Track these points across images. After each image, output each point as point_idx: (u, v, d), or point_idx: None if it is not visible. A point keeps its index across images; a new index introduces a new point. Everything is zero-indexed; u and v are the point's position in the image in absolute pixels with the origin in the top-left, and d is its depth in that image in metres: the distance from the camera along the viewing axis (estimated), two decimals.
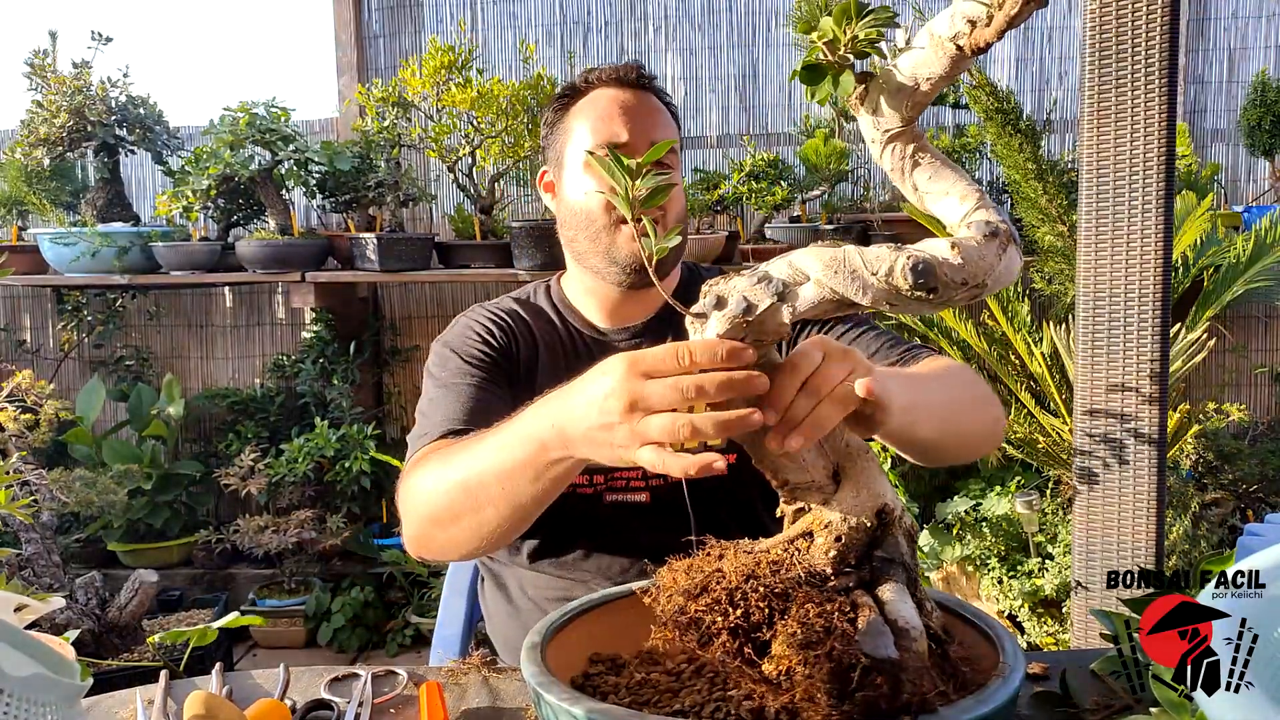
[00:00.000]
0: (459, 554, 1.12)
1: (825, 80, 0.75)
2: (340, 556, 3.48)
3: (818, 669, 0.60)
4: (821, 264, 0.72)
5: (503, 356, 1.32)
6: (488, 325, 1.35)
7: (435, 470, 1.06)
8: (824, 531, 0.71)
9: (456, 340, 1.33)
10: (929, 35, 0.71)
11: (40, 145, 3.23)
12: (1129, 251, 1.68)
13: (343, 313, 3.59)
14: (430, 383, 1.30)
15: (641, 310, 1.38)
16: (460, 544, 1.07)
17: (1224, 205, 3.36)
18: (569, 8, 3.65)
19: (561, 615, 0.87)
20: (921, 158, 0.76)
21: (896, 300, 0.70)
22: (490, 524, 1.01)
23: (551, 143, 1.37)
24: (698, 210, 3.17)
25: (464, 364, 1.29)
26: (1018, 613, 2.45)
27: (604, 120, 1.29)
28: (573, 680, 0.84)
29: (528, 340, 1.36)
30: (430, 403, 1.26)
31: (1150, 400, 1.70)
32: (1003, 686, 0.69)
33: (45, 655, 0.70)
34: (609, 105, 1.30)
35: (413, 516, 1.10)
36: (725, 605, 0.66)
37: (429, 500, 1.05)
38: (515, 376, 1.32)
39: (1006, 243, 0.70)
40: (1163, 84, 1.63)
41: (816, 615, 0.63)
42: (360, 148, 3.22)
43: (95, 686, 0.84)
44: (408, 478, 1.13)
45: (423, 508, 1.07)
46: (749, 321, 0.73)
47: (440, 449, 1.12)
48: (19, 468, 2.37)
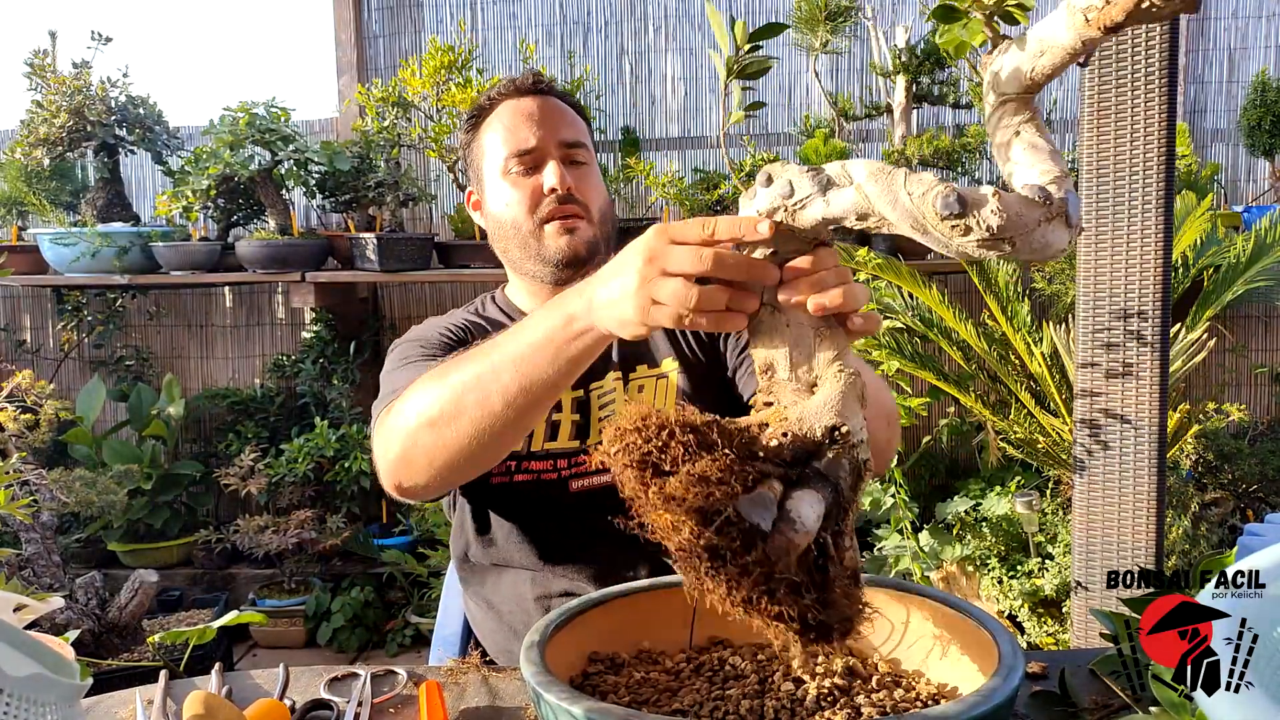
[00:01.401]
0: (446, 464, 1.02)
1: (957, 24, 0.75)
2: (340, 556, 3.48)
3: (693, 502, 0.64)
4: (868, 172, 0.73)
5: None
6: (444, 332, 1.35)
7: (431, 380, 1.02)
8: (777, 424, 0.73)
9: (414, 338, 1.34)
10: (1066, 3, 0.70)
11: (40, 145, 3.23)
12: (1129, 251, 1.68)
13: (343, 313, 3.59)
14: (389, 368, 1.28)
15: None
16: (452, 448, 0.99)
17: (1224, 205, 3.36)
18: (569, 8, 3.65)
19: (561, 615, 0.87)
20: (1026, 130, 0.75)
21: (922, 226, 0.71)
22: (495, 418, 0.96)
23: (470, 163, 1.42)
24: (698, 210, 3.17)
25: (425, 351, 1.29)
26: (1018, 613, 2.45)
27: (510, 130, 1.33)
28: (572, 679, 0.85)
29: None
30: (393, 374, 1.24)
31: (1150, 400, 1.70)
32: (1002, 685, 0.69)
33: (45, 655, 0.70)
34: (513, 115, 1.34)
35: (399, 428, 1.03)
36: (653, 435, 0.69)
37: (426, 403, 1.00)
38: None
39: (1054, 215, 0.69)
40: (1163, 84, 1.63)
41: (720, 467, 0.66)
42: (360, 148, 3.22)
43: (95, 686, 0.85)
44: (387, 413, 1.08)
45: (415, 414, 1.01)
46: (788, 206, 0.76)
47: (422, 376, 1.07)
48: (19, 468, 2.37)
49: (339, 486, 3.34)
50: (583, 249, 1.33)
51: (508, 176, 1.33)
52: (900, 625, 0.91)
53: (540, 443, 1.32)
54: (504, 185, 1.34)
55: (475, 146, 1.40)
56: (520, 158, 1.32)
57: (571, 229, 1.32)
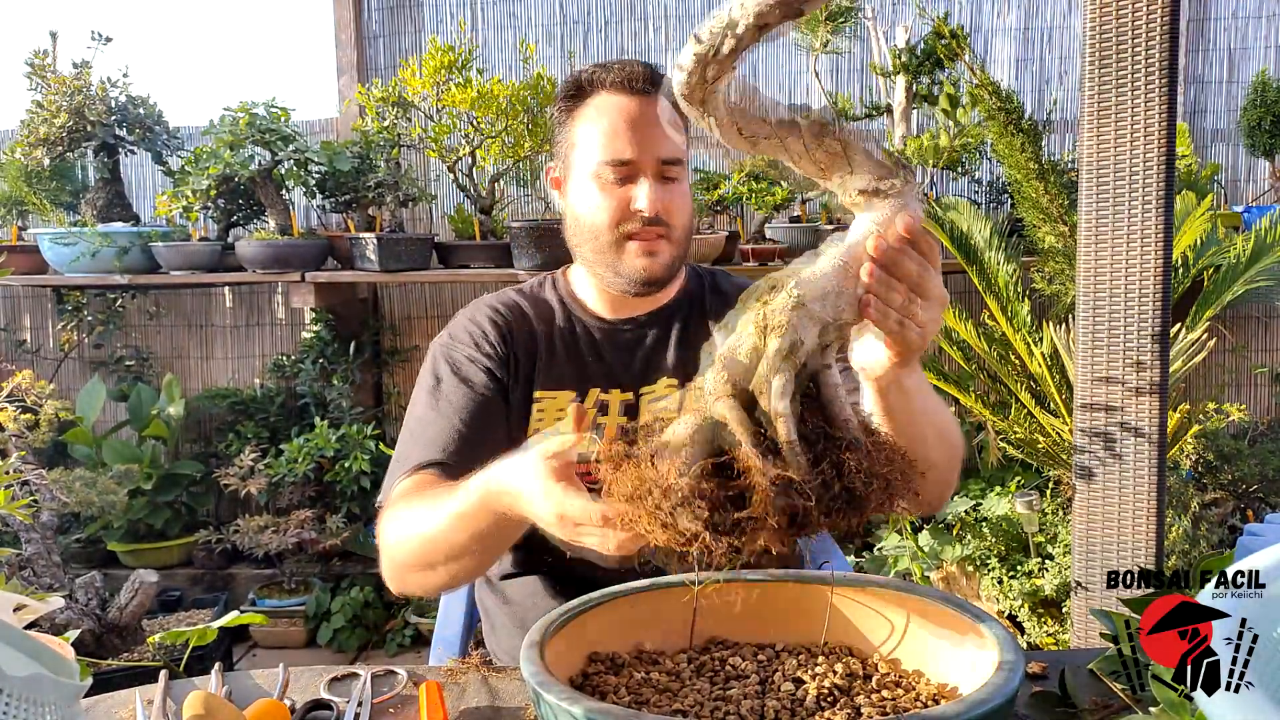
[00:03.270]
0: (437, 592, 1.19)
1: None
2: (340, 556, 3.48)
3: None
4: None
5: (498, 357, 1.33)
6: (484, 327, 1.35)
7: (409, 524, 1.11)
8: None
9: (452, 347, 1.34)
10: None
11: (40, 145, 3.23)
12: (1129, 251, 1.68)
13: (343, 313, 3.59)
14: (422, 395, 1.31)
15: (649, 303, 1.38)
16: (437, 586, 1.15)
17: (1224, 205, 3.36)
18: (569, 8, 3.65)
19: (561, 615, 0.86)
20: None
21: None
22: (467, 569, 1.12)
23: (558, 142, 1.35)
24: (698, 210, 3.17)
25: (456, 381, 1.29)
26: (1018, 613, 2.45)
27: (609, 134, 1.26)
28: (572, 680, 0.84)
29: (526, 333, 1.36)
30: (417, 422, 1.28)
31: (1150, 400, 1.70)
32: (1002, 686, 0.69)
33: (45, 655, 0.70)
34: (615, 117, 1.26)
35: (389, 561, 1.16)
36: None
37: (405, 551, 1.12)
38: (513, 371, 1.33)
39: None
40: (1163, 84, 1.63)
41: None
42: (360, 148, 3.22)
43: (95, 686, 0.85)
44: (384, 522, 1.17)
45: (399, 556, 1.13)
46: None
47: (415, 492, 1.16)
48: (19, 468, 2.37)
49: (339, 486, 3.34)
50: (661, 272, 1.30)
51: (597, 180, 1.27)
52: (900, 625, 0.91)
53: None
54: (592, 188, 1.28)
55: (568, 130, 1.32)
56: (614, 167, 1.26)
57: (653, 251, 1.29)
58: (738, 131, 0.84)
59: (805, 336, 0.76)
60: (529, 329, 1.36)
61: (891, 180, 0.80)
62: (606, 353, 1.36)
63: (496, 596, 1.40)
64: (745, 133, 0.84)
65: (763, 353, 0.75)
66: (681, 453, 0.73)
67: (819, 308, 0.77)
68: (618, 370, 1.35)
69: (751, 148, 0.85)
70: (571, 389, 1.32)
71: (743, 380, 0.76)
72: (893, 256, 0.79)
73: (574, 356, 1.35)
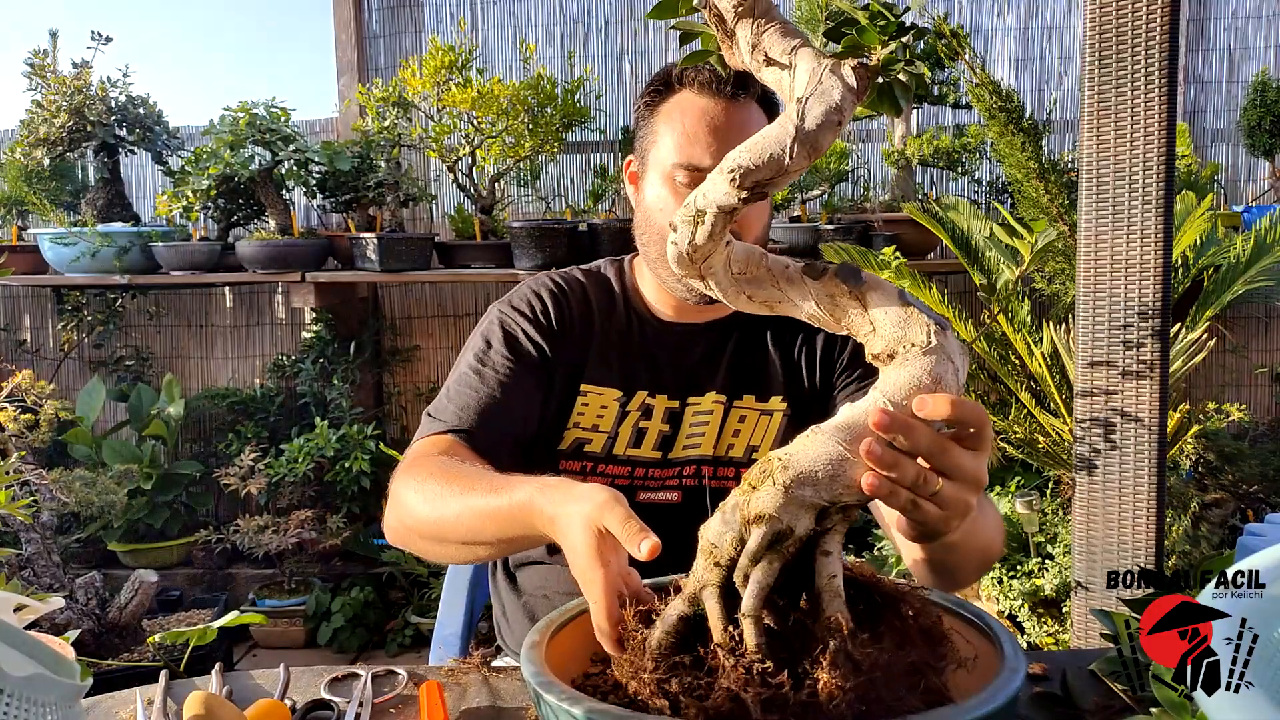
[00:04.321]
0: (434, 559, 1.18)
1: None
2: (340, 556, 3.48)
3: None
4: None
5: (552, 335, 1.31)
6: (545, 302, 1.33)
7: (434, 496, 1.08)
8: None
9: (510, 317, 1.32)
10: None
11: (40, 145, 3.23)
12: (1129, 251, 1.68)
13: (343, 313, 3.59)
14: (470, 355, 1.30)
15: (709, 311, 1.35)
16: (439, 557, 1.15)
17: (1224, 205, 3.36)
18: (569, 8, 3.65)
19: (562, 615, 0.86)
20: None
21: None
22: (479, 555, 1.11)
23: (640, 136, 1.32)
24: None
25: (505, 351, 1.28)
26: (1018, 613, 2.45)
27: (688, 137, 1.22)
28: (573, 680, 0.84)
29: (584, 319, 1.34)
30: (459, 381, 1.27)
31: (1150, 400, 1.70)
32: (1003, 687, 0.69)
33: (45, 655, 0.70)
34: (697, 120, 1.22)
35: (398, 520, 1.14)
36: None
37: (419, 518, 1.10)
38: (563, 353, 1.31)
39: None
40: (1163, 84, 1.63)
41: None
42: (360, 148, 3.22)
43: (95, 686, 0.85)
44: (405, 476, 1.13)
45: (410, 519, 1.11)
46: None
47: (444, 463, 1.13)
48: (19, 468, 2.37)
49: (339, 486, 3.34)
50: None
51: (670, 182, 1.23)
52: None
53: (623, 447, 1.31)
54: (665, 190, 1.24)
55: (650, 126, 1.28)
56: (689, 171, 1.21)
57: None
58: (747, 298, 0.81)
59: (797, 524, 0.71)
60: (587, 315, 1.34)
61: (910, 342, 0.74)
62: (659, 356, 1.34)
63: (509, 584, 1.40)
64: (754, 299, 0.81)
65: (746, 543, 0.72)
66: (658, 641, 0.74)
67: (812, 493, 0.72)
68: (666, 377, 1.33)
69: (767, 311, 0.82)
70: (618, 389, 1.31)
71: (729, 566, 0.73)
72: (902, 428, 0.71)
73: (625, 355, 1.33)
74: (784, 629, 0.72)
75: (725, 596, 0.73)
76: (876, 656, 0.68)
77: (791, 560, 0.72)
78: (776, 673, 0.68)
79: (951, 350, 0.74)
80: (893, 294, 0.76)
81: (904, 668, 0.69)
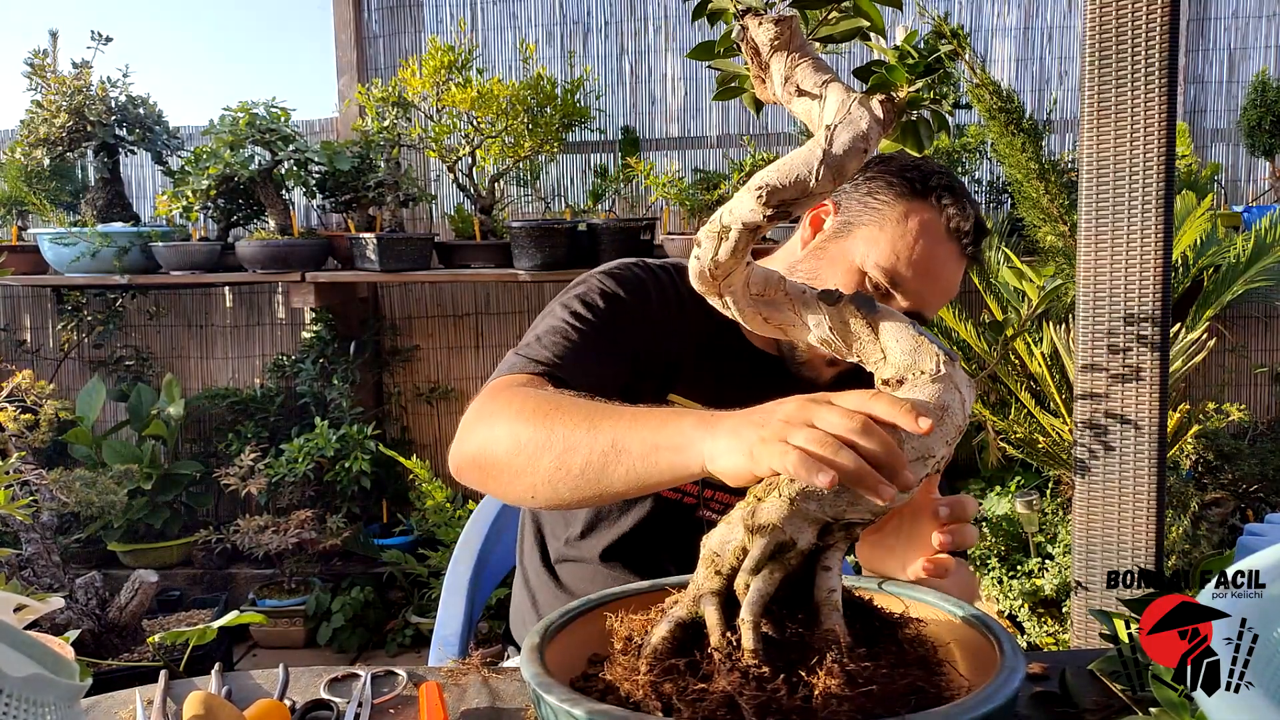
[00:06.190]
0: (506, 498, 1.10)
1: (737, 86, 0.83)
2: (340, 556, 3.48)
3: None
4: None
5: (649, 331, 1.26)
6: (664, 295, 1.28)
7: (528, 415, 1.00)
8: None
9: (616, 296, 1.25)
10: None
11: (40, 145, 3.23)
12: (1129, 251, 1.68)
13: (343, 313, 3.59)
14: (563, 309, 1.22)
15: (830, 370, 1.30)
16: (513, 494, 1.04)
17: (1224, 205, 3.36)
18: (569, 8, 3.65)
19: (562, 615, 0.86)
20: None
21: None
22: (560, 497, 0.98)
23: (857, 197, 1.25)
24: (698, 210, 3.17)
25: (603, 312, 1.22)
26: (1018, 613, 2.46)
27: (903, 259, 1.20)
28: (573, 681, 0.84)
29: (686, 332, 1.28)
30: (550, 330, 1.20)
31: (1150, 400, 1.70)
32: (1003, 686, 0.69)
33: (45, 655, 0.70)
34: (923, 251, 1.20)
35: (479, 446, 1.05)
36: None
37: (508, 443, 1.00)
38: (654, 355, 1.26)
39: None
40: (1163, 84, 1.63)
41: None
42: (360, 148, 3.22)
43: (95, 686, 0.85)
44: (494, 398, 1.07)
45: (493, 446, 1.02)
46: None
47: (533, 389, 1.07)
48: (19, 468, 2.37)
49: (339, 486, 3.34)
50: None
51: (856, 271, 1.21)
52: None
53: None
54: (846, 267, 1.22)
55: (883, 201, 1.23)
56: (886, 279, 1.20)
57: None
58: (763, 320, 0.82)
59: (800, 537, 0.72)
60: (690, 329, 1.28)
61: (920, 369, 0.76)
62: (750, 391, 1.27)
63: (550, 578, 1.38)
64: (770, 321, 0.83)
65: (749, 552, 0.73)
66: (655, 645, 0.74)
67: (817, 508, 0.73)
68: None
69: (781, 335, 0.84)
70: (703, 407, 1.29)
71: (730, 575, 0.74)
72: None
73: (716, 382, 1.28)
74: (781, 638, 0.72)
75: (725, 604, 0.74)
76: (873, 671, 0.69)
77: (792, 573, 0.73)
78: (772, 678, 0.68)
79: (959, 381, 0.76)
80: (904, 324, 0.79)
81: (900, 687, 0.69)
